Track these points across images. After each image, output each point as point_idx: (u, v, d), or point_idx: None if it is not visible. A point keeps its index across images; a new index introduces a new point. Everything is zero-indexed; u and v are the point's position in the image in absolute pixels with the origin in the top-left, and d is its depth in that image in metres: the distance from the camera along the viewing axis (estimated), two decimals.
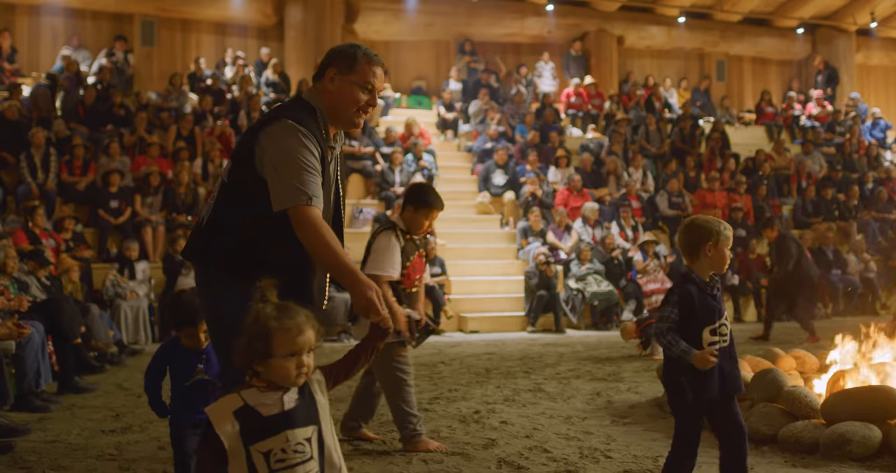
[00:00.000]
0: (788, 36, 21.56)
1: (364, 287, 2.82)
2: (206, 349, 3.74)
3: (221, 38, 17.90)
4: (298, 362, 2.29)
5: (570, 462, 4.56)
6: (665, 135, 17.06)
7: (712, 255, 3.53)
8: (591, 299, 12.27)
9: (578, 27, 19.57)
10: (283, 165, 2.99)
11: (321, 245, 2.96)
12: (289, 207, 2.97)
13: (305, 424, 2.32)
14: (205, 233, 3.20)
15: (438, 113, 17.25)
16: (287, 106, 3.25)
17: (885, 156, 18.69)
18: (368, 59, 3.20)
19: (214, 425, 2.25)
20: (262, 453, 2.24)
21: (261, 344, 2.28)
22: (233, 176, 3.17)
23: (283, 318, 2.29)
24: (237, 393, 2.31)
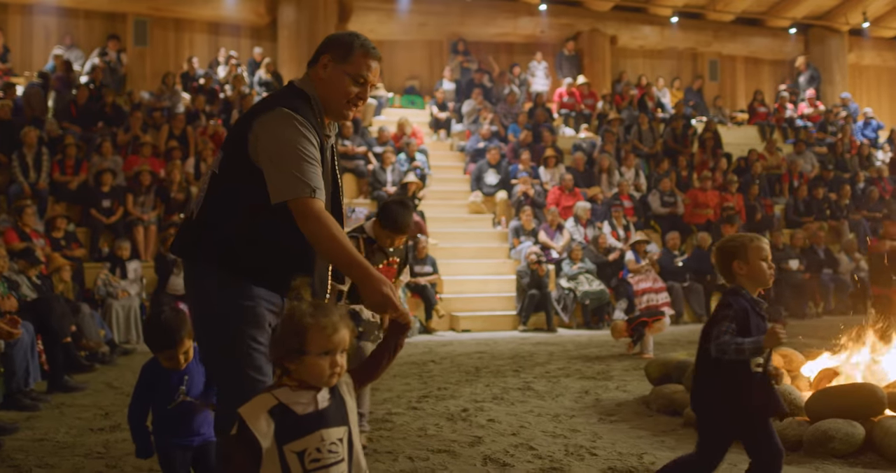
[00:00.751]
0: (781, 36, 21.61)
1: (377, 282, 2.72)
2: (186, 369, 3.55)
3: (214, 38, 17.91)
4: (332, 361, 2.25)
5: (555, 460, 4.58)
6: (657, 134, 17.10)
7: (746, 272, 3.37)
8: (582, 298, 12.30)
9: (571, 27, 19.60)
10: (282, 156, 2.87)
11: (329, 238, 2.83)
12: (290, 199, 2.85)
13: (338, 424, 2.30)
14: (195, 227, 3.06)
15: (431, 112, 17.27)
16: (281, 94, 3.13)
17: (876, 156, 18.75)
18: (365, 50, 3.08)
19: (250, 424, 2.19)
20: (296, 453, 2.21)
21: (295, 340, 2.24)
22: (224, 167, 3.02)
23: (318, 315, 2.25)
24: (269, 392, 2.27)
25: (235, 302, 2.93)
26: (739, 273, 3.36)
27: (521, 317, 12.06)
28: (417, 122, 16.38)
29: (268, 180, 2.88)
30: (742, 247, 3.37)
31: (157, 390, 3.53)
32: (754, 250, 3.37)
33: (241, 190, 2.95)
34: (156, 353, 3.56)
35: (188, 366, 3.54)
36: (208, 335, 3.02)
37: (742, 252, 3.36)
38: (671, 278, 12.97)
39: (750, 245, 3.37)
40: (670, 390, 5.98)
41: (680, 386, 5.98)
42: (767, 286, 3.44)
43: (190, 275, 3.08)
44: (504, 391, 6.91)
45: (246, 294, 2.94)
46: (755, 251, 3.37)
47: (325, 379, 2.25)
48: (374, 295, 2.71)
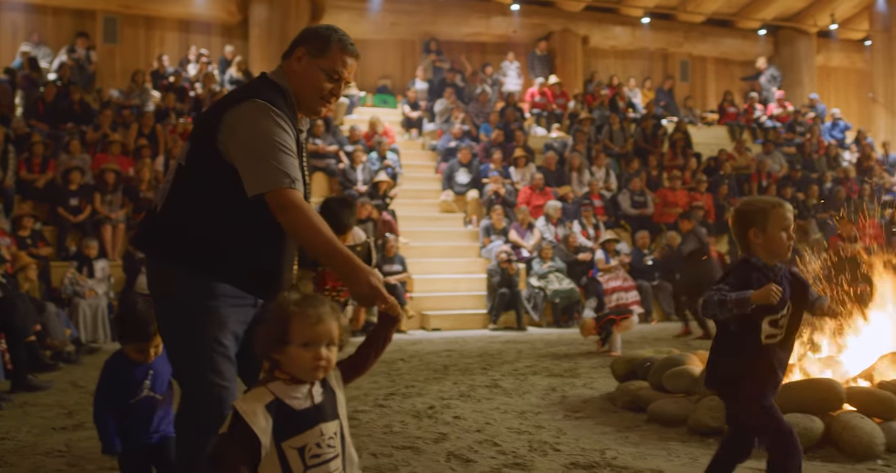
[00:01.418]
0: (750, 37, 21.81)
1: (365, 274, 2.63)
2: (152, 363, 3.47)
3: (185, 36, 17.80)
4: (315, 354, 2.18)
5: (518, 455, 4.60)
6: (628, 134, 17.20)
7: (761, 242, 3.07)
8: (552, 297, 12.35)
9: (543, 27, 19.68)
10: (259, 147, 2.77)
11: (312, 230, 2.72)
12: (268, 191, 2.74)
13: (333, 418, 2.26)
14: (158, 220, 2.96)
15: (403, 112, 17.28)
16: (254, 85, 3.01)
17: (843, 156, 18.98)
18: (342, 46, 2.99)
19: (248, 420, 2.11)
20: (296, 449, 2.16)
21: (279, 329, 2.18)
22: (191, 159, 2.91)
23: (304, 305, 2.20)
24: (263, 386, 2.20)
25: (199, 301, 2.85)
26: (755, 242, 3.07)
27: (492, 316, 12.09)
28: (389, 121, 16.38)
29: (243, 172, 2.79)
30: (761, 213, 3.06)
31: (121, 383, 3.46)
32: (775, 218, 3.05)
33: (208, 183, 2.86)
34: (126, 345, 3.48)
35: (154, 361, 3.47)
36: (170, 333, 2.95)
37: (761, 218, 3.05)
38: (641, 277, 13.05)
39: (771, 211, 3.06)
40: (635, 387, 6.02)
41: (645, 383, 6.02)
42: (784, 259, 3.12)
43: (152, 270, 2.99)
44: (471, 388, 6.93)
45: (210, 292, 2.85)
46: (776, 219, 3.06)
47: (307, 371, 2.19)
48: (360, 286, 2.63)
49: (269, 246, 2.92)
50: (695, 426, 5.11)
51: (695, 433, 5.08)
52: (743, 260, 3.12)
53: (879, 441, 4.48)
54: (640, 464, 4.36)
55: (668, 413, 5.40)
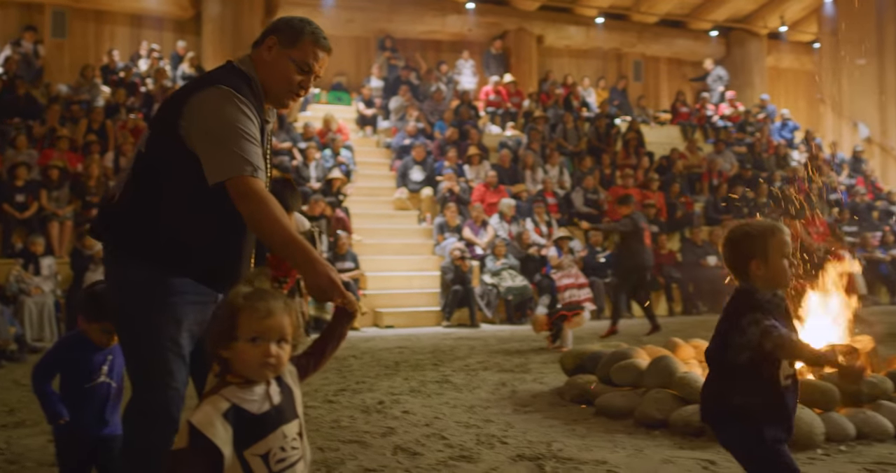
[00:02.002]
0: (702, 38, 22.10)
1: (324, 266, 2.52)
2: (112, 348, 3.36)
3: (136, 31, 17.56)
4: (264, 350, 2.03)
5: (465, 448, 4.61)
6: (582, 133, 17.33)
7: (763, 274, 2.75)
8: (505, 294, 12.39)
9: (498, 26, 19.75)
10: (221, 134, 2.67)
11: (270, 219, 2.61)
12: (229, 178, 2.64)
13: (293, 418, 2.13)
14: (116, 209, 2.85)
15: (358, 109, 17.23)
16: (219, 72, 2.90)
17: (792, 156, 19.30)
18: (315, 38, 2.91)
19: (206, 432, 1.96)
20: (259, 456, 2.02)
21: (227, 323, 2.05)
22: (151, 147, 2.80)
23: (253, 299, 2.07)
24: (217, 393, 2.04)
25: (157, 297, 2.76)
26: (756, 274, 2.75)
27: (445, 313, 12.10)
28: (344, 119, 16.33)
29: (204, 160, 2.69)
30: (760, 242, 2.75)
31: (75, 365, 3.35)
32: (776, 246, 2.75)
33: (170, 171, 2.76)
34: (90, 325, 3.36)
35: (115, 346, 3.36)
36: (125, 329, 2.85)
37: (761, 249, 2.75)
38: (593, 274, 13.14)
39: (771, 239, 2.75)
40: (584, 380, 6.06)
41: (593, 377, 6.07)
42: (785, 288, 2.83)
43: (109, 262, 2.89)
44: (422, 384, 6.92)
45: (169, 288, 2.76)
46: (777, 247, 2.76)
47: (256, 368, 2.04)
48: (318, 278, 2.51)
49: (231, 238, 2.83)
50: (641, 418, 5.16)
51: (641, 425, 5.13)
52: (746, 292, 2.77)
53: (819, 431, 4.55)
54: (585, 455, 4.39)
55: (614, 406, 5.45)
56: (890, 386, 5.06)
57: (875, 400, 4.93)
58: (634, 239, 10.19)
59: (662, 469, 4.11)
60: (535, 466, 4.19)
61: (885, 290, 15.97)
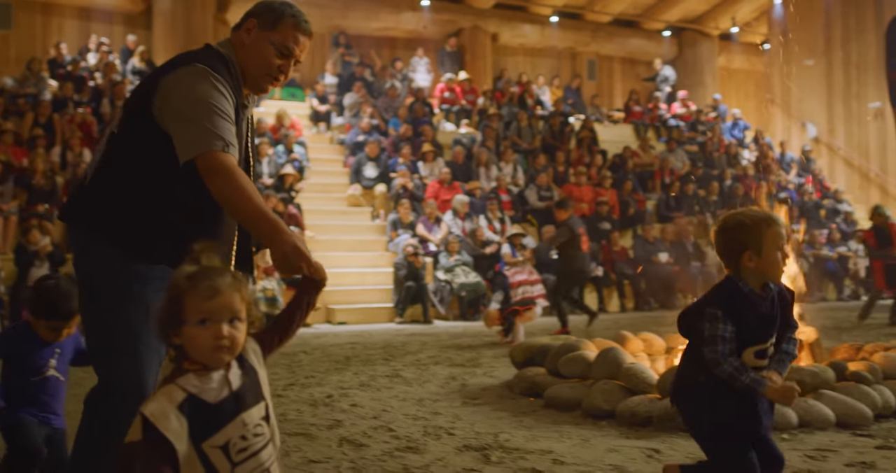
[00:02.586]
0: (655, 38, 22.34)
1: (288, 235, 2.43)
2: (61, 342, 3.29)
3: (85, 24, 17.29)
4: (215, 332, 1.90)
5: (411, 440, 4.58)
6: (536, 131, 17.41)
7: (755, 266, 2.72)
8: (458, 290, 12.39)
9: (453, 23, 19.76)
10: (193, 111, 2.58)
11: (237, 191, 2.51)
12: (199, 154, 2.54)
13: (257, 402, 1.99)
14: (87, 192, 2.75)
15: (311, 105, 17.12)
16: (196, 52, 2.82)
17: (743, 155, 19.59)
18: (296, 22, 2.84)
19: (158, 425, 1.83)
20: (218, 447, 1.89)
21: (173, 307, 1.92)
22: (125, 127, 2.72)
23: (197, 278, 1.93)
24: (173, 383, 1.91)
25: (126, 284, 2.66)
26: (748, 266, 2.72)
27: (398, 309, 12.07)
28: (297, 115, 16.22)
29: (176, 139, 2.60)
30: (755, 234, 2.71)
31: (22, 358, 3.26)
32: (770, 238, 2.71)
33: (143, 154, 2.68)
34: (37, 320, 3.27)
35: (64, 341, 3.30)
36: (92, 316, 2.75)
37: (755, 240, 2.71)
38: (546, 271, 13.16)
39: (767, 231, 2.71)
40: (532, 373, 6.07)
41: (542, 369, 6.08)
42: (778, 280, 2.80)
43: (76, 244, 2.79)
44: (372, 378, 6.89)
45: (139, 275, 2.66)
46: (771, 239, 2.71)
47: (208, 353, 1.91)
48: (284, 246, 2.40)
49: (207, 222, 2.73)
50: (588, 409, 5.17)
51: (588, 416, 5.15)
52: (729, 282, 2.76)
53: None
54: (532, 445, 4.39)
55: (563, 398, 5.45)
56: (831, 376, 5.13)
57: (817, 390, 5.00)
58: (571, 245, 10.25)
59: (607, 457, 4.12)
60: (481, 456, 4.18)
61: (832, 287, 16.25)
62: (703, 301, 2.79)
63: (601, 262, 14.03)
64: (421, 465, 4.01)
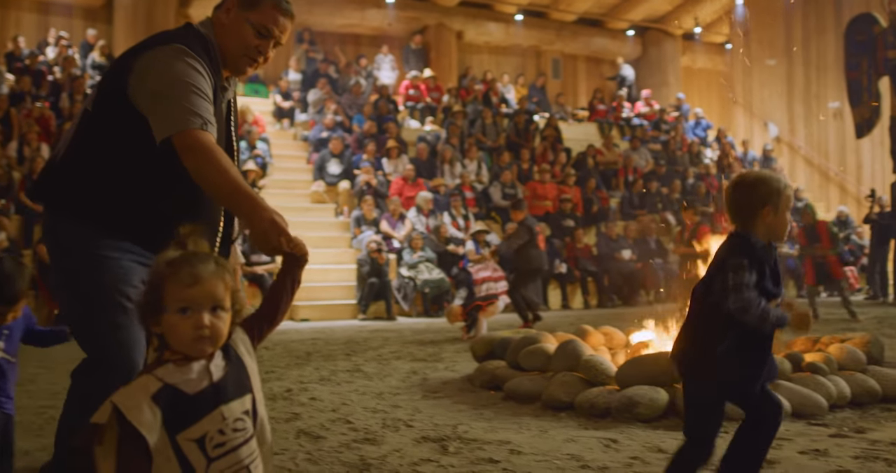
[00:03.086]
0: (619, 37, 22.47)
1: (266, 211, 2.36)
2: (9, 325, 3.23)
3: (44, 18, 17.04)
4: (196, 321, 1.81)
5: (370, 432, 4.55)
6: (501, 128, 17.43)
7: (771, 221, 2.82)
8: (422, 287, 12.37)
9: (418, 20, 19.73)
10: (170, 89, 2.52)
11: (216, 169, 2.43)
12: (176, 132, 2.48)
13: (240, 394, 1.88)
14: (59, 171, 2.70)
15: (275, 101, 17.01)
16: (174, 32, 2.78)
17: (705, 154, 19.76)
18: (276, 2, 2.78)
19: (129, 416, 1.75)
20: (194, 440, 1.80)
21: (153, 294, 1.84)
22: (99, 105, 2.66)
23: (179, 264, 1.84)
24: (150, 373, 1.83)
25: (98, 252, 2.61)
26: (765, 220, 2.80)
27: (361, 306, 12.02)
28: (260, 111, 16.10)
29: (152, 118, 2.54)
30: (777, 193, 2.81)
31: None
32: (786, 199, 2.84)
33: (117, 131, 2.62)
34: None
35: (12, 323, 3.23)
36: (69, 291, 2.69)
37: (776, 198, 2.81)
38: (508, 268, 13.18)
39: (784, 192, 2.83)
40: (493, 366, 6.06)
41: (502, 362, 6.07)
42: (781, 241, 2.93)
43: (47, 224, 2.74)
44: (332, 373, 6.84)
45: (111, 245, 2.62)
46: (786, 200, 2.85)
47: (189, 343, 1.82)
48: (262, 223, 2.32)
49: (183, 204, 2.65)
50: (548, 401, 5.17)
51: (548, 407, 5.15)
52: (742, 236, 2.83)
53: None
54: (490, 436, 4.38)
55: (522, 390, 5.45)
56: (788, 367, 5.18)
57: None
58: (530, 244, 10.31)
59: (565, 447, 4.12)
60: (439, 446, 4.16)
61: (793, 284, 16.43)
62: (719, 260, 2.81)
63: (565, 259, 14.08)
64: (378, 456, 3.98)
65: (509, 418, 4.96)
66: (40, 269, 10.40)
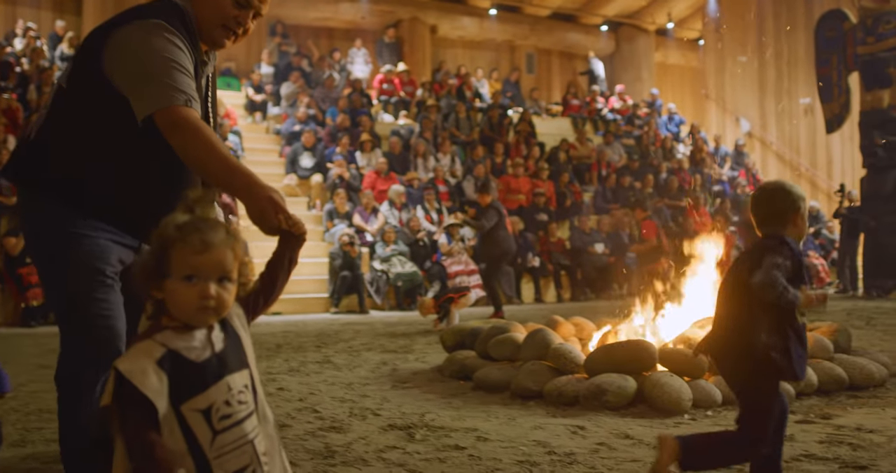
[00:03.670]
0: (593, 32, 22.51)
1: (262, 188, 2.24)
2: None
3: (11, 9, 16.82)
4: (201, 291, 1.72)
5: (336, 420, 4.51)
6: (475, 123, 17.40)
7: (799, 224, 3.08)
8: (394, 280, 12.32)
9: (392, 14, 19.67)
10: (150, 65, 2.41)
11: (206, 147, 2.32)
12: (159, 110, 2.37)
13: (240, 368, 1.81)
14: (33, 148, 2.61)
15: (247, 94, 16.88)
16: (149, 5, 2.63)
17: (678, 149, 19.84)
18: None
19: (137, 382, 1.65)
20: (200, 411, 1.71)
21: (157, 258, 1.75)
22: (73, 81, 2.56)
23: (188, 228, 1.75)
24: (150, 338, 1.74)
25: (74, 230, 2.53)
26: (795, 224, 3.06)
27: (333, 299, 11.96)
28: (232, 104, 15.98)
29: (132, 97, 2.44)
30: (802, 199, 3.10)
31: None
32: (805, 208, 3.14)
33: (92, 108, 2.53)
34: None
35: None
36: (47, 271, 2.61)
37: (802, 204, 3.10)
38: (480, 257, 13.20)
39: (804, 203, 3.12)
40: (462, 356, 6.03)
41: (472, 352, 6.05)
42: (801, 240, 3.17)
43: (22, 204, 2.65)
44: (302, 364, 6.79)
45: (87, 224, 2.55)
46: (806, 209, 3.15)
47: (191, 312, 1.74)
48: (259, 201, 2.21)
49: (163, 185, 2.58)
50: (517, 390, 5.15)
51: (517, 396, 5.13)
52: (778, 238, 3.02)
53: (687, 398, 4.63)
54: (457, 424, 4.35)
55: (492, 380, 5.42)
56: None
57: None
58: (498, 225, 10.27)
59: (532, 434, 4.10)
60: (405, 434, 4.13)
61: None
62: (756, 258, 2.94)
63: (538, 253, 14.09)
64: (343, 443, 3.94)
65: (477, 407, 4.94)
66: (6, 263, 10.26)
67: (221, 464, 1.74)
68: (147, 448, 1.64)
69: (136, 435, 1.65)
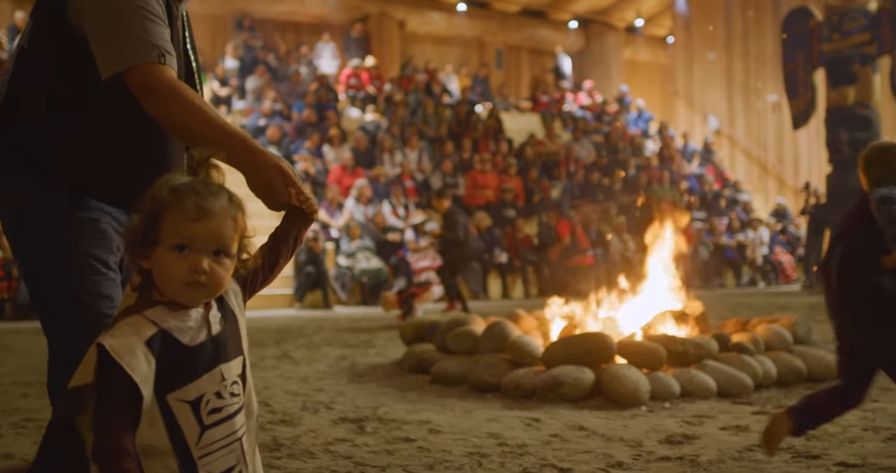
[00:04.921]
0: (563, 29, 22.50)
1: (267, 155, 1.91)
2: None
3: None
4: (192, 263, 1.49)
5: (287, 414, 4.41)
6: (443, 118, 17.32)
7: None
8: (359, 276, 12.21)
9: (359, 9, 19.53)
10: (117, 14, 2.03)
11: (190, 109, 1.97)
12: (129, 67, 1.99)
13: (236, 354, 1.58)
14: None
15: (211, 88, 16.67)
16: None
17: (646, 145, 19.88)
18: None
19: (123, 363, 1.42)
20: (187, 402, 1.49)
21: (147, 222, 1.52)
22: (35, 39, 2.18)
23: (184, 191, 1.52)
24: (139, 313, 1.51)
25: (65, 213, 2.13)
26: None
27: (298, 295, 11.83)
28: None
29: (98, 49, 2.06)
30: None
31: None
32: None
33: (61, 67, 2.15)
34: None
35: None
36: (31, 261, 2.19)
37: None
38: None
39: None
40: (421, 349, 5.94)
41: (430, 346, 5.97)
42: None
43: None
44: (260, 359, 6.67)
45: (77, 204, 2.15)
46: None
47: (178, 287, 1.50)
48: (265, 169, 1.89)
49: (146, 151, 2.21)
50: (474, 383, 5.08)
51: (474, 390, 5.06)
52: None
53: (644, 390, 4.57)
54: (411, 417, 4.27)
55: (449, 373, 5.34)
56: (715, 346, 5.14)
57: (700, 360, 5.01)
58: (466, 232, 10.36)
59: (486, 426, 4.02)
60: (356, 427, 4.03)
61: (731, 273, 16.63)
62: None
63: (505, 249, 14.03)
64: (291, 436, 3.84)
65: (434, 400, 4.86)
66: None
67: (206, 464, 1.52)
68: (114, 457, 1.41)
69: (107, 436, 1.42)
